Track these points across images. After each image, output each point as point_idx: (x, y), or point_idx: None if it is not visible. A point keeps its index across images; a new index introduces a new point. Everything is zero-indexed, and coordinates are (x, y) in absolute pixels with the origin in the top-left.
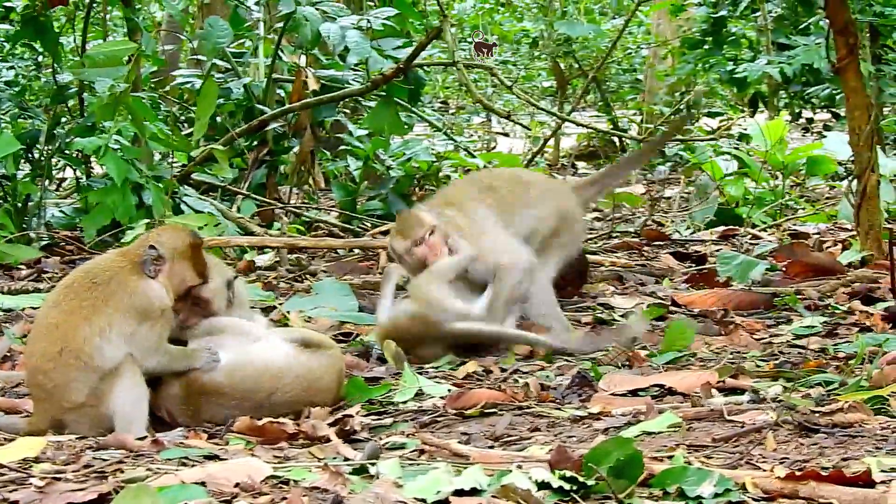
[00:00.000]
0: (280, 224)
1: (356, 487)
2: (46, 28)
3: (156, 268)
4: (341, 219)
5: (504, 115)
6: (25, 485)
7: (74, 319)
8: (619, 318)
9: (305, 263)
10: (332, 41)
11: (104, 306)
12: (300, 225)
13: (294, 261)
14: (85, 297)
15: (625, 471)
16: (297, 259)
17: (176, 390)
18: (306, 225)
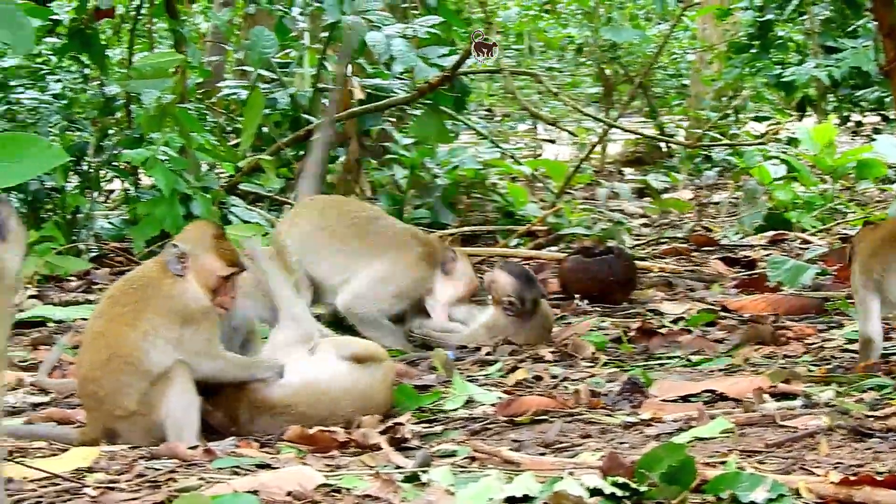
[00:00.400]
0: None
1: (408, 495)
2: (93, 40)
3: (182, 265)
4: None
5: (550, 122)
6: (79, 495)
7: (119, 326)
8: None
9: None
10: (377, 50)
11: (145, 311)
12: None
13: None
14: (126, 303)
15: (677, 477)
16: None
17: (231, 402)
18: None
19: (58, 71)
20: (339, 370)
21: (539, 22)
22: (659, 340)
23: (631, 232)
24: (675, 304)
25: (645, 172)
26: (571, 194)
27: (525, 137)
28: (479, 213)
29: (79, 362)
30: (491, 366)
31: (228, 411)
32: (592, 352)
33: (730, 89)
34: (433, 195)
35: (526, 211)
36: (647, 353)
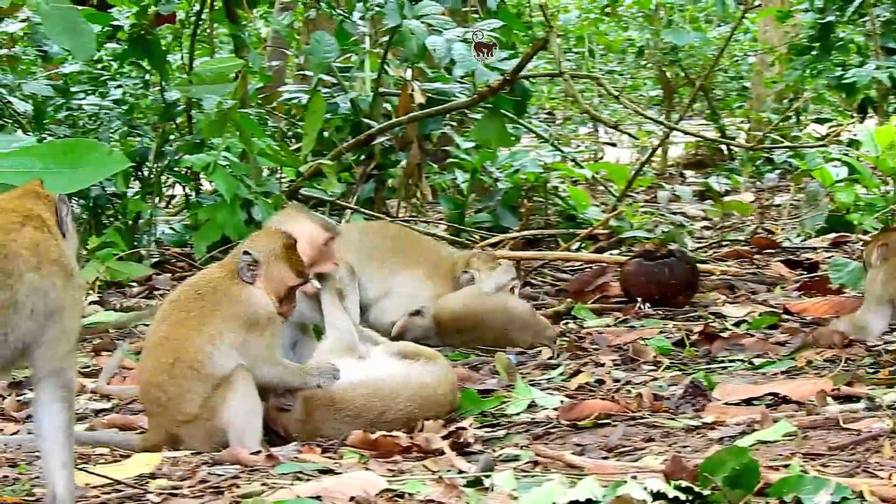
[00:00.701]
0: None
1: (471, 500)
2: (154, 46)
3: (253, 273)
4: (450, 231)
5: (611, 125)
6: (142, 501)
7: (184, 330)
8: (731, 328)
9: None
10: (437, 54)
11: (211, 316)
12: None
13: None
14: (191, 308)
15: (741, 480)
16: None
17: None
18: None
19: (119, 77)
20: (391, 366)
21: (599, 25)
22: (721, 343)
23: (692, 235)
24: (737, 307)
25: (706, 175)
26: (633, 197)
27: (586, 140)
28: (540, 216)
29: (141, 367)
30: (553, 370)
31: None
32: (654, 355)
33: (791, 91)
34: (494, 199)
35: (587, 214)
36: (709, 356)
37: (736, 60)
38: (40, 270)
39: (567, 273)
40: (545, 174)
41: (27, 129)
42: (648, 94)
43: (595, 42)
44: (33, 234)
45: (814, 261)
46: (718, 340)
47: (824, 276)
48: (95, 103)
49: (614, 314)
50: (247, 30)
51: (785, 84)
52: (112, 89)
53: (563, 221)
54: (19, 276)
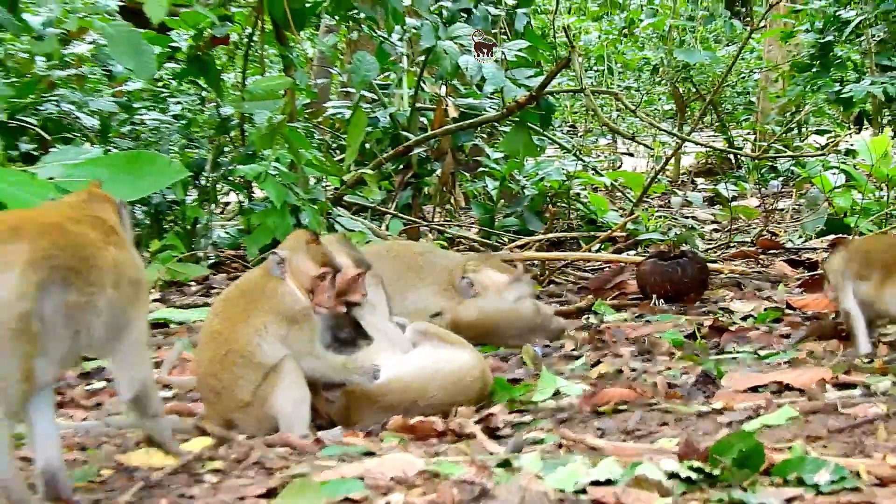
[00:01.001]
0: (425, 240)
1: (501, 479)
2: (209, 65)
3: (281, 269)
4: (480, 234)
5: (628, 137)
6: (200, 481)
7: (234, 324)
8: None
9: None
10: (469, 72)
11: (255, 311)
12: (443, 241)
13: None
14: (238, 304)
15: (748, 461)
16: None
17: (333, 396)
18: (449, 241)
19: (177, 94)
20: (423, 358)
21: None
22: (729, 336)
23: (703, 237)
24: (744, 302)
25: (715, 182)
26: (648, 203)
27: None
28: (563, 220)
29: (198, 359)
30: (576, 360)
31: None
32: (668, 347)
33: (793, 105)
34: (522, 205)
35: (607, 218)
36: (718, 347)
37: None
38: (119, 288)
39: (588, 272)
40: (568, 182)
41: (94, 142)
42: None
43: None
44: (116, 254)
45: (814, 260)
46: (727, 333)
47: (823, 275)
48: (156, 118)
49: (631, 309)
50: (295, 50)
51: (788, 98)
52: (171, 105)
53: (584, 225)
54: (101, 287)
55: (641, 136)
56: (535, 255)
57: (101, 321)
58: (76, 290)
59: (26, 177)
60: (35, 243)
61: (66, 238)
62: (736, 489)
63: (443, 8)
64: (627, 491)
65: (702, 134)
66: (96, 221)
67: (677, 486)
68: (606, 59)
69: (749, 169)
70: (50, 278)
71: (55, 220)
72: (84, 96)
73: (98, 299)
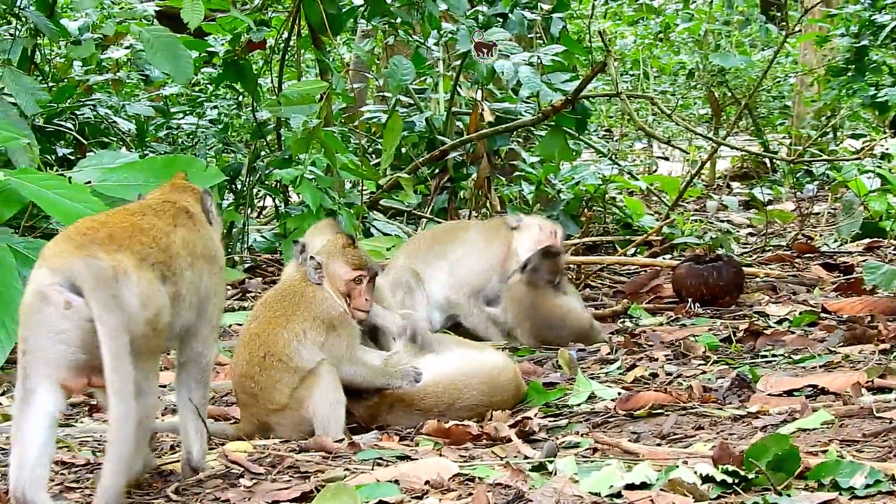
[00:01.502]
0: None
1: (536, 483)
2: (246, 70)
3: (319, 274)
4: None
5: (664, 141)
6: (235, 485)
7: (273, 328)
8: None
9: None
10: (505, 76)
11: (294, 315)
12: None
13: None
14: (277, 308)
15: (783, 465)
16: None
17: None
18: None
19: (214, 98)
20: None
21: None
22: (765, 340)
23: (738, 241)
24: (779, 306)
25: (751, 186)
26: (684, 207)
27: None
28: (599, 224)
29: (235, 361)
30: (611, 364)
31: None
32: (704, 351)
33: (828, 109)
34: (557, 208)
35: (642, 222)
36: (753, 351)
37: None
38: (193, 266)
39: (624, 276)
40: (604, 186)
41: (131, 146)
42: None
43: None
44: (184, 234)
45: (849, 264)
46: (762, 337)
47: (859, 278)
48: (193, 122)
49: (667, 313)
50: (331, 55)
51: (823, 103)
52: (208, 110)
53: (620, 229)
54: (181, 273)
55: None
56: (570, 259)
57: (186, 308)
58: (170, 283)
59: (63, 181)
60: (131, 247)
61: (147, 234)
62: (771, 493)
63: (478, 13)
64: (662, 495)
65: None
66: (162, 207)
67: (712, 490)
68: (642, 63)
69: (784, 173)
70: (155, 277)
71: (128, 219)
72: (121, 101)
73: (182, 288)
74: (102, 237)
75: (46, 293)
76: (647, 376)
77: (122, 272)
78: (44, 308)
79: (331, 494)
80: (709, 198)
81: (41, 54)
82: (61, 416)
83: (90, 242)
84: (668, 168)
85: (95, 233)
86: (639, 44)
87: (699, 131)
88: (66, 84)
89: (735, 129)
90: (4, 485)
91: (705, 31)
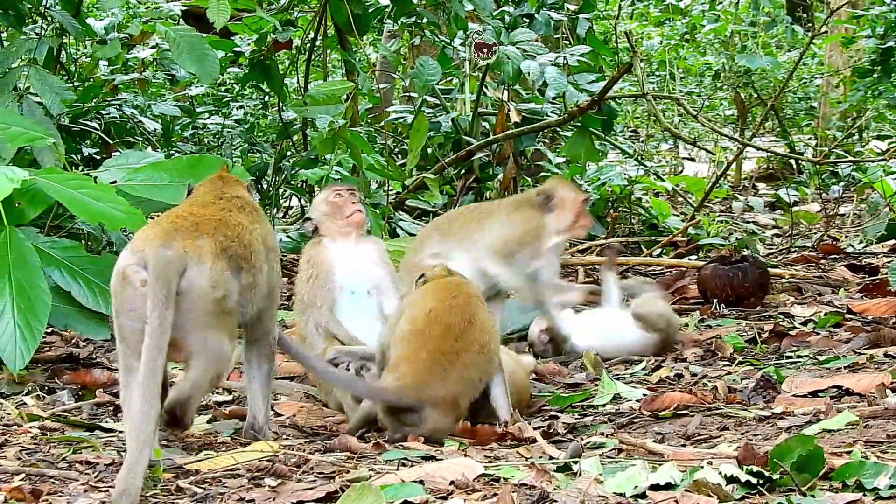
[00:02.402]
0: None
1: (561, 484)
2: (272, 70)
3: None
4: None
5: (690, 142)
6: (261, 485)
7: (481, 320)
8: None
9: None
10: (532, 77)
11: (480, 306)
12: None
13: None
14: (461, 301)
15: (807, 466)
16: None
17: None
18: None
19: (240, 98)
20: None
21: (679, 50)
22: (790, 341)
23: (764, 242)
24: (804, 307)
25: (776, 187)
26: (709, 208)
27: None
28: (625, 225)
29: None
30: (636, 364)
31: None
32: (729, 352)
33: (854, 111)
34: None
35: (668, 223)
36: (779, 352)
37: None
38: (268, 259)
39: (649, 276)
40: (630, 186)
41: (156, 146)
42: (724, 114)
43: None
44: (261, 230)
45: (874, 265)
46: (787, 338)
47: (884, 279)
48: (219, 122)
49: (692, 314)
50: (357, 55)
51: (849, 104)
52: (234, 110)
53: (645, 229)
54: (259, 266)
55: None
56: (596, 260)
57: (260, 296)
58: (245, 274)
59: (88, 181)
60: (214, 238)
61: (232, 230)
62: (795, 494)
63: (505, 13)
64: (687, 495)
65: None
66: (243, 205)
67: (737, 491)
68: (668, 64)
69: (810, 174)
70: (229, 267)
71: (218, 214)
72: (147, 100)
73: (259, 279)
74: (188, 226)
75: (126, 273)
76: (672, 377)
77: (197, 257)
78: (126, 286)
79: (356, 494)
80: (734, 199)
81: (67, 54)
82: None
83: (174, 230)
84: (694, 169)
85: (184, 221)
86: (665, 44)
87: (725, 132)
88: (92, 84)
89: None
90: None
91: (731, 32)
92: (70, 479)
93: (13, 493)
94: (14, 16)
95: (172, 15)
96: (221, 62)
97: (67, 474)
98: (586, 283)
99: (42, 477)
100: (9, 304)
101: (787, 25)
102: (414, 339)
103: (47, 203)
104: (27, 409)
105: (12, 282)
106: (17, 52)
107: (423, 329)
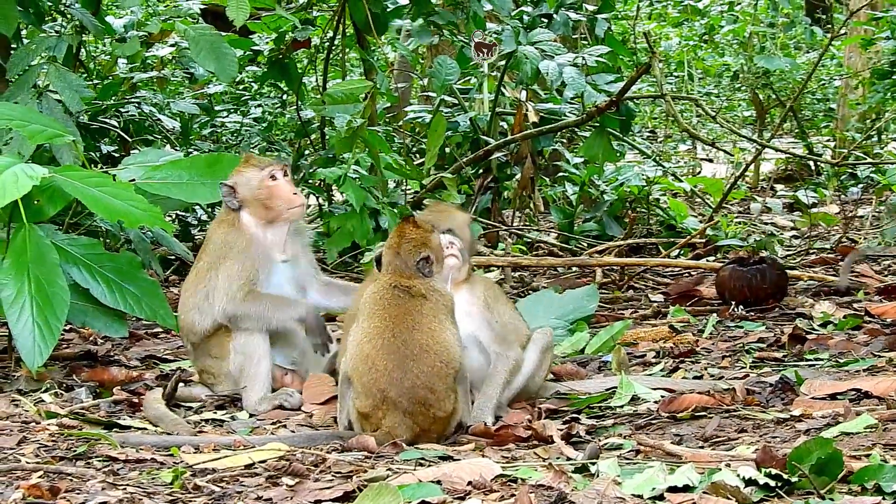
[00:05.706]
0: (504, 244)
1: (579, 485)
2: (290, 69)
3: (430, 268)
4: (560, 239)
5: (708, 143)
6: (278, 484)
7: (436, 334)
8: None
9: (528, 280)
10: (550, 77)
11: (437, 315)
12: (523, 245)
13: (517, 278)
14: (415, 314)
15: (826, 468)
16: (520, 277)
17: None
18: (528, 245)
19: (258, 97)
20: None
21: (698, 51)
22: (808, 343)
23: (782, 243)
24: (823, 309)
25: (795, 188)
26: (728, 209)
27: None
28: (643, 226)
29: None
30: (655, 366)
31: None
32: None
33: (873, 112)
34: (601, 209)
35: (686, 224)
36: (797, 354)
37: (823, 84)
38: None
39: (667, 278)
40: (647, 187)
41: (175, 144)
42: (742, 115)
43: (694, 67)
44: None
45: (894, 268)
46: (806, 340)
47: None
48: (237, 121)
49: (710, 316)
50: (375, 54)
51: (868, 105)
52: (252, 108)
53: (663, 230)
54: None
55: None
56: (614, 261)
57: None
58: None
59: (107, 178)
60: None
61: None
62: (814, 497)
63: (523, 13)
64: (705, 497)
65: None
66: None
67: (755, 493)
68: (686, 65)
69: (829, 176)
70: None
71: None
72: (165, 98)
73: None
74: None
75: None
76: (690, 378)
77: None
78: None
79: (373, 494)
80: (753, 200)
81: (86, 51)
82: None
83: None
84: (712, 170)
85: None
86: (683, 45)
87: (743, 133)
88: (111, 81)
89: (779, 131)
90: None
91: (750, 32)
92: (88, 476)
93: (31, 490)
94: (34, 13)
95: (192, 13)
96: (240, 61)
97: (85, 471)
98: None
99: (60, 474)
100: (27, 301)
101: (806, 26)
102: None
103: (66, 200)
104: (45, 406)
105: (31, 279)
106: (37, 49)
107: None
